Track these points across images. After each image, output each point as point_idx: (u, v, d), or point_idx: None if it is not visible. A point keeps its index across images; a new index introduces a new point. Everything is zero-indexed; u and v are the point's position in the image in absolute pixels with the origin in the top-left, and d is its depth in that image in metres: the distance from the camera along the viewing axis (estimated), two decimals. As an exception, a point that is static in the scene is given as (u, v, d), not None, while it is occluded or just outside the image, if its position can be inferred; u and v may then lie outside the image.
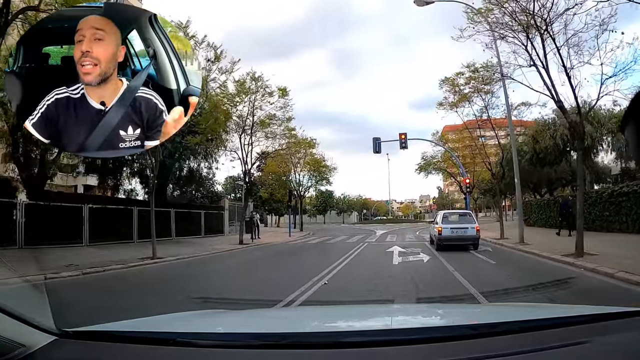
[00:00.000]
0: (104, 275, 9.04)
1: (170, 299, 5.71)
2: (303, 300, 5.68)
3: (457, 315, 2.21)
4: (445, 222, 13.37)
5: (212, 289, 7.38)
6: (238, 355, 1.31)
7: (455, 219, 13.96)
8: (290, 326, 1.98)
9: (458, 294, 5.84)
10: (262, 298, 5.99)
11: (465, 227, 13.07)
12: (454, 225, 13.16)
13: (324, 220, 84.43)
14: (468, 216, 14.24)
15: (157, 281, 8.65)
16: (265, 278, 8.88)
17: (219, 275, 9.72)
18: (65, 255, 10.80)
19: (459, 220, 13.83)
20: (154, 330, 1.65)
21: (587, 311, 1.78)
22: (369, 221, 68.44)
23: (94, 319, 1.77)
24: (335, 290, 6.71)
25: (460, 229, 13.03)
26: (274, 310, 4.58)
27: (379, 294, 6.21)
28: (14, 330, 1.17)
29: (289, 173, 34.64)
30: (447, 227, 13.04)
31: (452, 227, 13.05)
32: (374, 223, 59.36)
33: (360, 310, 2.88)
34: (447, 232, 12.93)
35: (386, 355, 1.26)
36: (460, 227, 13.14)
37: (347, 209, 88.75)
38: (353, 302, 5.45)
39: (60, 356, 1.24)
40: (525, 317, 1.82)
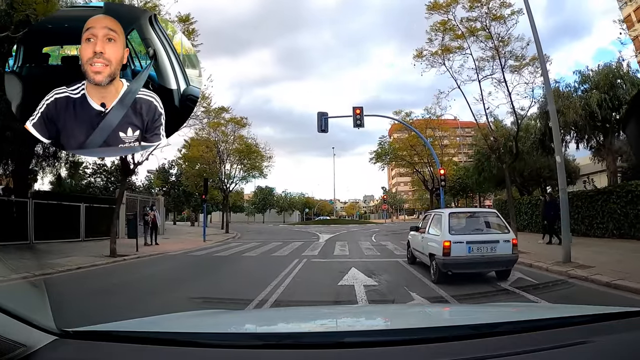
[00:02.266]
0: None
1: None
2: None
3: (457, 315, 2.25)
4: (457, 231, 7.64)
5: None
6: (238, 355, 1.31)
7: (475, 224, 7.32)
8: (290, 326, 2.03)
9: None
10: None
11: (494, 242, 7.41)
12: (473, 237, 7.49)
13: (263, 219, 77.39)
14: (493, 218, 7.70)
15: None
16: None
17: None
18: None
19: (481, 227, 7.99)
20: (154, 330, 1.68)
21: (587, 311, 1.82)
22: (311, 221, 61.65)
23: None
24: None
25: (486, 245, 7.36)
26: (274, 310, 4.56)
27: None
28: (14, 330, 1.18)
29: (212, 161, 29.89)
30: (460, 241, 7.31)
31: (470, 240, 7.38)
32: (316, 223, 52.55)
33: (361, 310, 3.05)
34: (460, 250, 7.26)
35: (386, 355, 1.26)
36: (485, 240, 7.48)
37: (289, 207, 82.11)
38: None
39: (60, 356, 1.25)
40: (525, 317, 1.84)
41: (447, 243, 7.17)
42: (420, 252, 8.90)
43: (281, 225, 54.54)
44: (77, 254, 12.55)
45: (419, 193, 72.57)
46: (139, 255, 13.29)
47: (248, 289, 7.21)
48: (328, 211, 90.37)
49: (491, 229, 7.90)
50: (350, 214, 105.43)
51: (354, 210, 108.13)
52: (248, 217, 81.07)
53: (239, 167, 31.17)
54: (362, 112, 18.44)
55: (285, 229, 39.70)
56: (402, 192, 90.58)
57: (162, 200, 27.80)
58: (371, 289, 6.96)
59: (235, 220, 73.31)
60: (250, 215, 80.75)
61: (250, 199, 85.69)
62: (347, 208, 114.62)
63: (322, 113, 18.76)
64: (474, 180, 26.85)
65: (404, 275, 8.61)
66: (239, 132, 29.42)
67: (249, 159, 30.47)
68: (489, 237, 7.54)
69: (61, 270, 9.48)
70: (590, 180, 24.26)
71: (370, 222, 60.53)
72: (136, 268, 10.84)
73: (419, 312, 2.57)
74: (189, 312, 2.44)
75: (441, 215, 7.90)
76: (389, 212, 67.60)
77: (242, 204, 79.28)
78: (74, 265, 10.23)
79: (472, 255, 7.22)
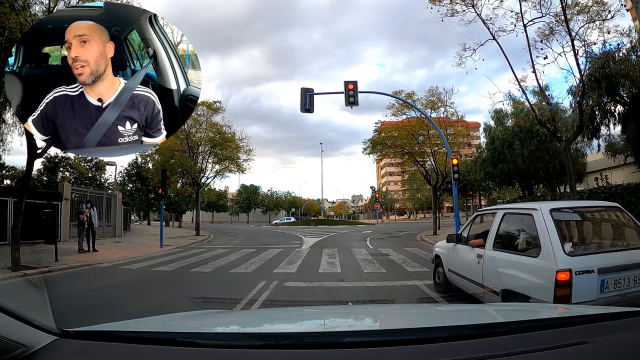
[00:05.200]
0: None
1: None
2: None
3: (457, 315, 2.20)
4: (577, 249, 4.03)
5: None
6: (238, 355, 1.30)
7: (595, 232, 4.58)
8: (290, 326, 2.05)
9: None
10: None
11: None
12: (609, 259, 3.75)
13: (247, 219, 73.90)
14: (616, 217, 4.63)
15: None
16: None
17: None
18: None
19: (607, 237, 4.48)
20: (155, 330, 1.69)
21: (587, 311, 1.82)
22: (297, 222, 57.44)
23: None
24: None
25: (631, 273, 3.70)
26: (274, 310, 4.50)
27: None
28: (14, 330, 1.18)
29: (183, 151, 26.63)
30: (587, 269, 3.54)
31: (605, 265, 3.64)
32: (302, 224, 48.47)
33: (361, 311, 2.97)
34: (589, 288, 3.53)
35: (387, 355, 1.25)
36: (630, 263, 3.73)
37: (275, 207, 78.13)
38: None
39: (60, 356, 1.24)
40: (525, 317, 1.86)
41: (565, 275, 3.26)
42: (471, 280, 5.01)
43: (264, 226, 50.39)
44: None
45: (411, 192, 69.36)
46: (52, 268, 10.17)
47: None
48: (316, 210, 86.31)
49: (625, 239, 4.05)
50: (339, 214, 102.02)
51: (342, 210, 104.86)
52: (232, 216, 77.38)
53: (212, 158, 27.07)
54: (356, 87, 14.86)
55: (268, 230, 36.07)
56: (392, 191, 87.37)
57: (119, 197, 23.50)
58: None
59: (219, 220, 69.35)
60: (234, 215, 76.94)
61: (234, 197, 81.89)
62: (335, 208, 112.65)
63: (306, 89, 15.87)
64: (483, 176, 23.25)
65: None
66: (212, 118, 25.37)
67: (222, 149, 26.31)
68: (634, 257, 3.68)
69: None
70: (603, 177, 21.82)
71: (360, 223, 57.11)
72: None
73: (420, 312, 2.55)
74: (189, 312, 2.44)
75: (530, 218, 4.00)
76: (380, 212, 63.95)
77: (225, 203, 75.21)
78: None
79: (608, 295, 3.41)
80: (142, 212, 50.29)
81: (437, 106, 22.80)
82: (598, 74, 11.90)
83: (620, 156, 18.27)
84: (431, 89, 23.18)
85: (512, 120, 21.61)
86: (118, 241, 19.62)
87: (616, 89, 12.98)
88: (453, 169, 15.16)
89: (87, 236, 14.05)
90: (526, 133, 19.58)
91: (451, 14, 11.34)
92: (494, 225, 4.94)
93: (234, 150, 27.83)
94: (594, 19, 9.93)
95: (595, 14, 9.95)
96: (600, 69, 11.04)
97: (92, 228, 14.29)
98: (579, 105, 10.16)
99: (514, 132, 20.15)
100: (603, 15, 9.58)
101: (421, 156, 24.97)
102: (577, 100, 10.42)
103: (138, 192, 41.48)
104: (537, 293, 3.70)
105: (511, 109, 21.07)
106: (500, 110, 21.93)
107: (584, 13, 9.71)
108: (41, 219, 12.90)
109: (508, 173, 20.24)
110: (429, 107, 22.69)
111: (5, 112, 14.02)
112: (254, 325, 1.96)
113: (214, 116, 26.32)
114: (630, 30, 12.35)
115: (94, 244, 14.20)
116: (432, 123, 18.34)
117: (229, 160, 27.88)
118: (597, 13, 9.90)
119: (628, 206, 10.57)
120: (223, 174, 29.63)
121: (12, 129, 15.26)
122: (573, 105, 13.96)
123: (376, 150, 25.23)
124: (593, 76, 12.30)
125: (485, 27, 10.82)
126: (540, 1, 9.93)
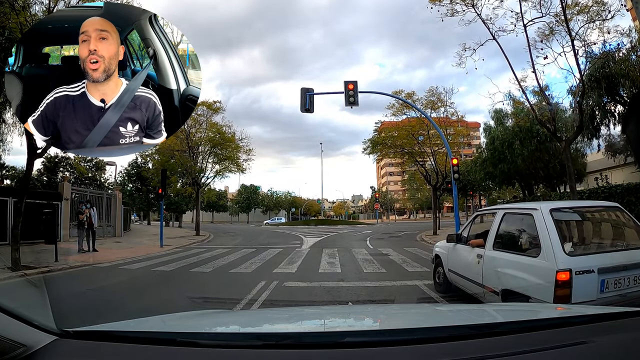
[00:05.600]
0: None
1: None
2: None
3: (457, 315, 2.21)
4: (577, 249, 4.06)
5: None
6: (238, 355, 1.30)
7: (594, 231, 4.60)
8: (290, 326, 2.05)
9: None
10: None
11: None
12: (609, 259, 3.77)
13: (247, 219, 74.05)
14: (616, 217, 4.66)
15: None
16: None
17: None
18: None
19: (607, 237, 4.53)
20: (155, 330, 1.70)
21: (587, 311, 1.83)
22: (297, 222, 57.58)
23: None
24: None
25: (631, 274, 3.73)
26: (274, 310, 4.54)
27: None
28: (14, 330, 1.18)
29: (183, 151, 26.60)
30: (588, 269, 3.57)
31: (605, 265, 3.66)
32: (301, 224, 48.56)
33: (361, 310, 2.98)
34: (589, 288, 3.55)
35: (387, 355, 1.26)
36: (629, 263, 3.76)
37: (275, 207, 78.19)
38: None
39: (61, 356, 1.25)
40: (526, 317, 1.86)
41: (565, 275, 3.26)
42: (472, 280, 5.01)
43: (263, 225, 50.54)
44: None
45: (411, 192, 69.36)
46: (51, 267, 10.21)
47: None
48: (316, 210, 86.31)
49: (625, 239, 4.05)
50: (339, 214, 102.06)
51: (342, 210, 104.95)
52: (232, 216, 77.51)
53: (212, 158, 27.08)
54: (356, 87, 14.83)
55: (267, 230, 36.04)
56: (392, 191, 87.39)
57: (119, 197, 23.48)
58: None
59: (219, 220, 69.44)
60: (234, 215, 77.06)
61: (234, 197, 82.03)
62: (335, 208, 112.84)
63: (306, 89, 15.77)
64: (483, 176, 23.25)
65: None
66: (212, 118, 25.38)
67: (221, 149, 26.30)
68: (634, 256, 3.69)
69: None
70: (603, 177, 21.92)
71: (360, 223, 57.12)
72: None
73: (420, 312, 2.54)
74: (189, 312, 2.44)
75: (530, 218, 4.01)
76: (380, 212, 64.04)
77: (225, 203, 75.33)
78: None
79: (608, 295, 3.40)
80: (142, 212, 50.33)
81: (437, 106, 22.99)
82: (598, 74, 12.03)
83: (620, 156, 18.31)
84: (431, 89, 23.48)
85: (512, 120, 21.75)
86: (118, 241, 19.67)
87: (616, 89, 13.07)
88: (453, 169, 15.20)
89: (87, 236, 14.14)
90: (526, 133, 19.70)
91: (451, 14, 11.45)
92: (494, 225, 4.96)
93: (234, 150, 27.83)
94: (594, 19, 10.06)
95: (595, 14, 10.08)
96: (600, 69, 11.14)
97: (92, 228, 14.37)
98: (579, 105, 10.22)
99: (514, 132, 20.27)
100: (603, 15, 9.72)
101: (421, 156, 25.05)
102: (577, 100, 10.52)
103: (138, 192, 41.50)
104: (537, 293, 3.72)
105: (511, 109, 21.25)
106: (500, 110, 22.11)
107: (584, 13, 9.80)
108: (41, 219, 12.98)
109: (508, 173, 20.40)
110: (429, 107, 22.90)
111: (5, 112, 14.09)
112: (254, 325, 1.97)
113: (214, 116, 26.54)
114: (630, 30, 12.47)
115: (94, 244, 14.29)
116: (432, 123, 18.39)
117: (229, 160, 27.93)
118: (597, 13, 10.02)
119: (628, 206, 10.61)
120: (223, 174, 29.74)
121: (12, 129, 15.41)
122: (573, 105, 14.06)
123: (376, 150, 25.32)
124: (593, 76, 12.41)
125: (485, 27, 10.94)
126: (540, 1, 10.08)
